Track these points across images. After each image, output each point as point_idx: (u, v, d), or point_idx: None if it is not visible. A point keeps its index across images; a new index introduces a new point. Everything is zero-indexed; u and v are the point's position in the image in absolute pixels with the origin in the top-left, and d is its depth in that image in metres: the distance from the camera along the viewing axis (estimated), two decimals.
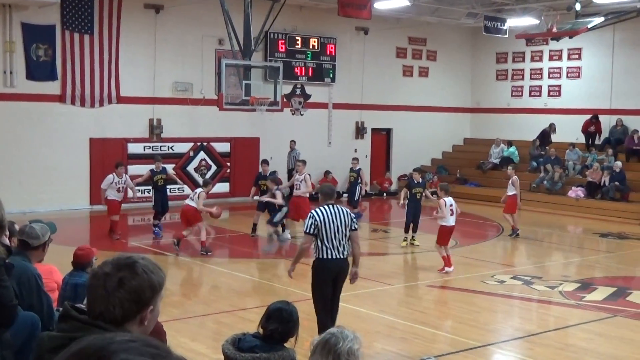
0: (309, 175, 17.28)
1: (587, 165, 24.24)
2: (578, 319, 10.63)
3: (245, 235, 17.77)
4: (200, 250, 15.07)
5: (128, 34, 21.38)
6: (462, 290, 12.23)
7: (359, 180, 20.79)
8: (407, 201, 16.87)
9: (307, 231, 8.34)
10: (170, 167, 20.22)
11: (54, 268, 7.03)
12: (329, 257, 8.29)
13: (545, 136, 25.65)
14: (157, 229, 17.25)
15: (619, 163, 22.57)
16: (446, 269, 13.46)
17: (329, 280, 8.41)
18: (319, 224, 8.24)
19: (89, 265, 6.81)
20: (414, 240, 16.69)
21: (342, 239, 8.30)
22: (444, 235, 13.66)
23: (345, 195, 23.23)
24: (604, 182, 22.71)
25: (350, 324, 7.46)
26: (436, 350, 9.01)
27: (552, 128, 25.61)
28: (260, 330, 4.92)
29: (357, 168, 20.92)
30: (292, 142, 23.61)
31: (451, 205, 13.65)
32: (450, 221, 13.58)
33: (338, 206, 8.48)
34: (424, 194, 16.40)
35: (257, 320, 5.09)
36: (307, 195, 16.98)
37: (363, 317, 10.44)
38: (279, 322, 4.89)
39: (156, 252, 15.14)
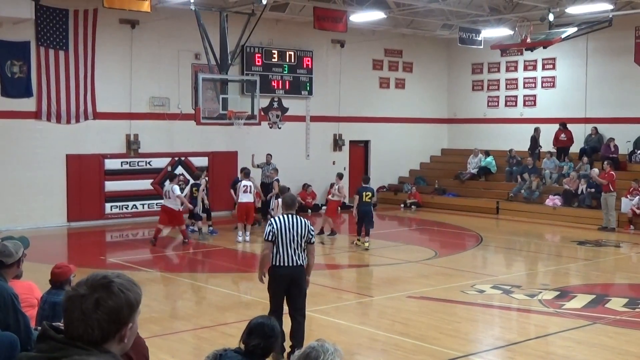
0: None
1: (563, 173, 24.42)
2: (558, 327, 10.67)
3: (225, 250, 17.72)
4: None
5: (104, 49, 21.28)
6: (443, 300, 12.24)
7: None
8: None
9: (265, 238, 8.69)
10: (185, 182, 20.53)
11: (33, 285, 6.95)
12: (281, 264, 8.60)
13: (534, 142, 25.77)
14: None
15: (595, 170, 22.74)
16: None
17: (281, 286, 8.70)
18: (276, 231, 8.56)
19: (67, 283, 6.75)
20: (365, 243, 17.63)
21: (297, 248, 8.60)
22: None
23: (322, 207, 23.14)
24: (582, 190, 22.89)
25: (331, 337, 7.46)
26: None
27: (537, 132, 25.76)
28: (242, 346, 4.89)
29: (275, 178, 20.72)
30: (269, 155, 23.45)
31: None
32: None
33: (298, 217, 8.77)
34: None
35: (238, 335, 5.06)
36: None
37: (344, 330, 10.42)
38: (261, 337, 4.85)
39: (134, 268, 15.03)
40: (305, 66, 25.50)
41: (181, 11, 20.66)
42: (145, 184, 22.29)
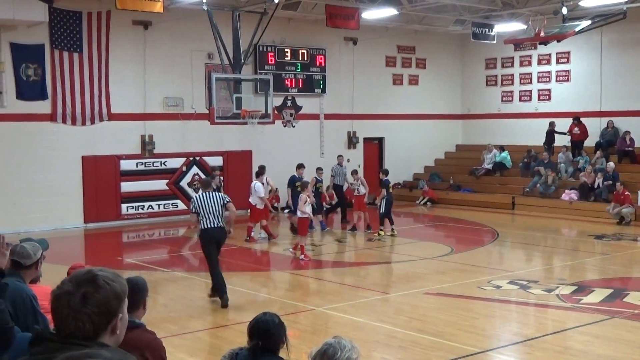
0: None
1: (579, 168, 24.28)
2: (576, 322, 10.61)
3: (241, 249, 17.75)
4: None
5: (117, 50, 21.38)
6: (459, 296, 12.21)
7: (321, 190, 20.81)
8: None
9: (190, 210, 11.89)
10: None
11: (50, 289, 7.00)
12: (206, 226, 11.53)
13: (550, 136, 25.59)
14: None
15: (611, 164, 22.61)
16: None
17: (211, 243, 11.64)
18: (197, 204, 11.57)
19: None
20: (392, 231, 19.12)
21: (217, 215, 11.49)
22: None
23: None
24: (598, 184, 22.75)
25: (348, 334, 7.46)
26: (435, 357, 8.99)
27: (552, 126, 25.59)
28: None
29: (321, 178, 20.91)
30: (340, 156, 22.79)
31: None
32: None
33: (213, 192, 11.76)
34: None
35: None
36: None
37: (361, 327, 10.42)
38: (258, 337, 4.83)
39: (151, 268, 15.10)
40: (318, 64, 25.51)
41: (193, 11, 20.72)
42: (160, 184, 22.39)
